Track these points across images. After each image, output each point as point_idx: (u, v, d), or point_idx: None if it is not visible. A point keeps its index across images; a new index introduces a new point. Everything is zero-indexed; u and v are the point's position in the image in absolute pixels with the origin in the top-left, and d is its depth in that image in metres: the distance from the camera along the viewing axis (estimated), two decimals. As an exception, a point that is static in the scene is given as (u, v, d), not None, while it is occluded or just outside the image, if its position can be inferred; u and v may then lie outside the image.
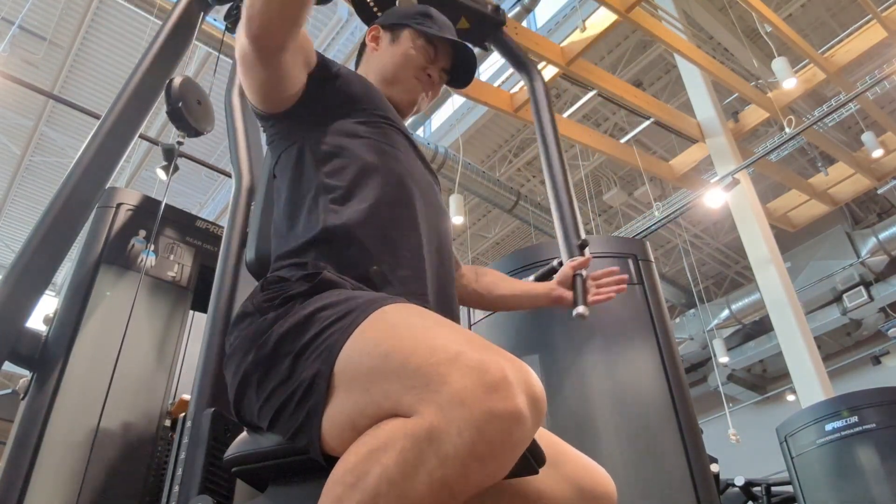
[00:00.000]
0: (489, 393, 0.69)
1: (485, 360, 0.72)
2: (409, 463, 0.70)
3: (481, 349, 0.74)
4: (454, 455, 0.68)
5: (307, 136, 1.10)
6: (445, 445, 0.68)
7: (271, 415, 0.87)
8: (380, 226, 1.03)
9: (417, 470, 0.69)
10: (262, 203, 1.22)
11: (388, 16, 1.35)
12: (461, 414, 0.68)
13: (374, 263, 0.99)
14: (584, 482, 0.98)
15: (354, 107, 1.14)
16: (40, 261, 1.90)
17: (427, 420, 0.70)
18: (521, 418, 0.69)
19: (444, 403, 0.70)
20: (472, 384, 0.69)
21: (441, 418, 0.69)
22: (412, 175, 1.13)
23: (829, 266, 9.44)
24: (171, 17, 2.30)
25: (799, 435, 3.40)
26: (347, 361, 0.81)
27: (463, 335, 0.78)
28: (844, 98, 6.78)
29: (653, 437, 2.13)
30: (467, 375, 0.70)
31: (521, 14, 6.32)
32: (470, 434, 0.68)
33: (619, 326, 2.33)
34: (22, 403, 2.03)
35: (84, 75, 8.15)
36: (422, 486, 0.69)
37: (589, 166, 8.98)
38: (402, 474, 0.70)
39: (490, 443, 0.68)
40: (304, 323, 0.87)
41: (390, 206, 1.05)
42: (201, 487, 1.18)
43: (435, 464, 0.69)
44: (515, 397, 0.69)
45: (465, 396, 0.69)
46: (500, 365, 0.71)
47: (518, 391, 0.70)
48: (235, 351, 0.94)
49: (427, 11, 1.33)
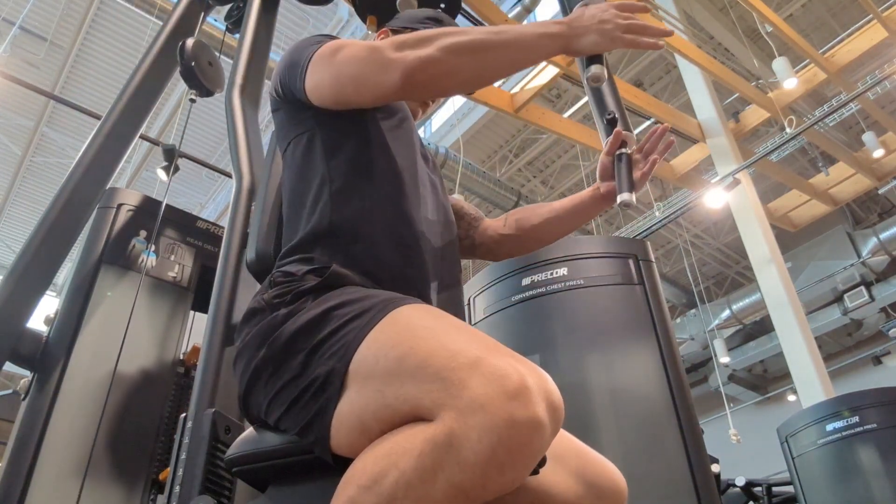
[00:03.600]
0: (510, 400, 0.68)
1: (505, 366, 0.71)
2: (428, 468, 0.69)
3: (501, 355, 0.74)
4: (474, 462, 0.67)
5: (319, 125, 1.09)
6: (465, 451, 0.68)
7: (281, 410, 0.87)
8: (386, 222, 1.03)
9: (436, 475, 0.69)
10: (263, 203, 1.22)
11: (398, 20, 1.34)
12: (482, 420, 0.68)
13: (380, 260, 0.99)
14: (594, 478, 0.98)
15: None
16: (41, 261, 1.90)
17: (447, 425, 0.69)
18: (540, 426, 0.69)
19: (464, 409, 0.69)
20: (493, 391, 0.69)
21: (461, 424, 0.68)
22: (419, 173, 1.13)
23: (829, 266, 9.43)
24: (171, 18, 2.31)
25: (800, 435, 3.40)
26: (363, 361, 0.80)
27: (481, 339, 0.77)
28: (845, 98, 6.78)
29: (654, 437, 2.12)
30: (488, 382, 0.70)
31: (521, 14, 6.32)
32: (490, 441, 0.67)
33: (620, 326, 2.33)
34: (23, 404, 2.04)
35: (85, 76, 8.16)
36: (439, 492, 0.69)
37: (589, 166, 8.98)
38: (420, 479, 0.69)
39: (510, 450, 0.67)
40: (319, 320, 0.87)
41: (397, 203, 1.05)
42: (202, 487, 1.18)
43: (454, 470, 0.68)
44: (536, 405, 0.69)
45: (485, 403, 0.68)
46: (521, 372, 0.71)
47: (538, 399, 0.70)
48: (246, 347, 0.94)
49: (437, 16, 1.32)
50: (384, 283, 0.98)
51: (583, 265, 2.42)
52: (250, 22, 2.16)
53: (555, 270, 2.44)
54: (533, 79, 6.40)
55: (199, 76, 2.32)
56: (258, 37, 2.17)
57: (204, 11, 2.47)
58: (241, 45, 2.11)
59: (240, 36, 2.17)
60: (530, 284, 2.46)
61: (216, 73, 2.44)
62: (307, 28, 7.82)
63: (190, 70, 2.30)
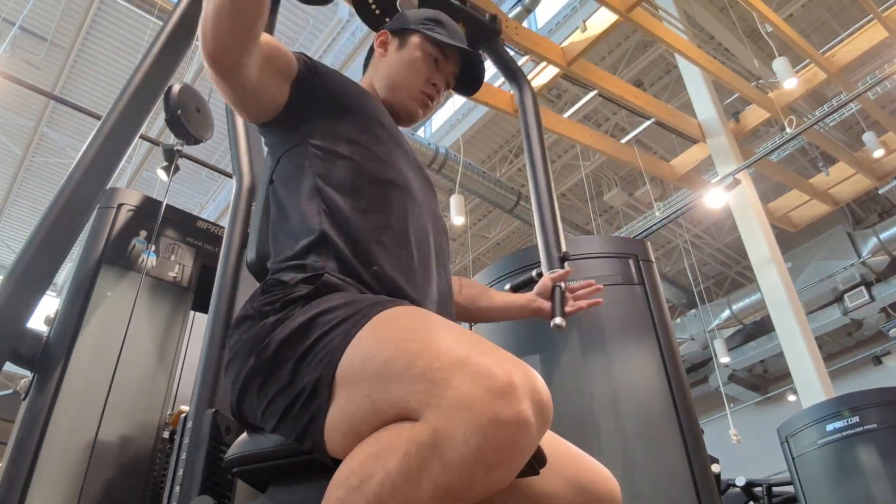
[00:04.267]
0: (495, 398, 0.68)
1: (491, 364, 0.71)
2: (413, 468, 0.68)
3: (487, 353, 0.73)
4: (459, 462, 0.67)
5: (302, 140, 1.10)
6: (450, 451, 0.67)
7: (275, 419, 0.87)
8: (376, 227, 1.03)
9: (421, 475, 0.68)
10: (263, 204, 1.22)
11: (397, 21, 1.33)
12: (466, 419, 0.67)
13: (373, 264, 0.99)
14: (588, 484, 0.97)
15: (348, 111, 1.13)
16: (41, 261, 1.90)
17: (432, 425, 0.69)
18: (526, 425, 0.68)
19: (448, 408, 0.68)
20: (478, 389, 0.68)
21: (446, 423, 0.68)
22: (406, 179, 1.12)
23: (830, 266, 9.43)
24: (171, 18, 2.30)
25: (800, 435, 3.40)
26: (349, 366, 0.80)
27: (467, 338, 0.77)
28: (845, 98, 6.78)
29: (654, 437, 2.12)
30: (473, 380, 0.69)
31: (521, 14, 6.32)
32: (476, 440, 0.66)
33: (620, 327, 2.33)
34: (23, 404, 2.04)
35: (85, 76, 8.16)
36: (425, 492, 0.68)
37: (590, 166, 8.98)
38: (405, 479, 0.69)
39: (496, 450, 0.67)
40: (306, 327, 0.86)
41: (386, 209, 1.05)
42: (202, 488, 1.18)
43: (439, 470, 0.68)
44: (521, 403, 0.68)
45: (470, 402, 0.68)
46: (507, 370, 0.70)
47: (524, 397, 0.69)
48: (237, 355, 0.94)
49: (437, 17, 1.31)
50: (378, 286, 0.98)
51: (583, 265, 2.42)
52: (250, 22, 2.15)
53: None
54: (533, 79, 6.40)
55: (186, 124, 2.22)
56: (258, 37, 2.16)
57: (204, 11, 2.46)
58: (242, 45, 2.10)
59: (240, 36, 2.16)
60: (530, 284, 2.45)
61: (204, 119, 2.34)
62: (307, 28, 7.82)
63: (176, 119, 2.19)
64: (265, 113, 1.09)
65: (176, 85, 2.24)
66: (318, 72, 1.12)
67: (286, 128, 1.11)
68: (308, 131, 1.10)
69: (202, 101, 2.37)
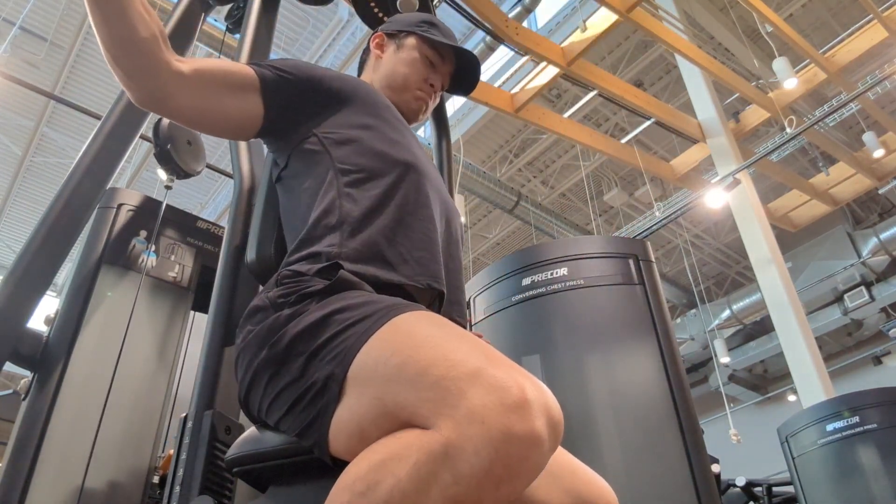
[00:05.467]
0: (509, 413, 0.67)
1: (506, 378, 0.70)
2: (423, 478, 0.68)
3: (502, 366, 0.72)
4: (469, 474, 0.66)
5: (310, 134, 1.10)
6: (461, 463, 0.67)
7: (281, 412, 0.87)
8: (395, 209, 1.03)
9: (430, 486, 0.68)
10: (263, 204, 1.22)
11: (392, 23, 1.35)
12: (479, 432, 0.66)
13: (392, 245, 1.00)
14: (587, 495, 0.97)
15: (351, 100, 1.14)
16: (41, 261, 1.90)
17: (444, 435, 0.68)
18: (539, 441, 0.68)
19: (461, 420, 0.68)
20: (492, 402, 0.68)
21: (458, 435, 0.67)
22: (421, 161, 1.13)
23: (830, 266, 9.43)
24: (171, 18, 2.30)
25: (800, 435, 3.40)
26: (362, 367, 0.80)
27: (482, 349, 0.76)
28: (845, 98, 6.78)
29: (654, 438, 2.12)
30: (487, 393, 0.68)
31: (521, 14, 6.32)
32: (487, 454, 0.66)
33: (620, 327, 2.33)
34: (23, 404, 2.04)
35: (85, 76, 8.16)
36: (433, 503, 0.68)
37: (590, 166, 8.98)
38: (415, 489, 0.68)
39: (507, 465, 0.66)
40: (320, 324, 0.86)
41: (404, 192, 1.06)
42: (202, 488, 1.18)
43: (449, 481, 0.67)
44: (535, 419, 0.68)
45: (484, 414, 0.67)
46: (521, 385, 0.70)
47: (538, 413, 0.68)
48: (248, 346, 0.93)
49: (431, 20, 1.34)
50: (396, 266, 0.98)
51: (583, 265, 2.42)
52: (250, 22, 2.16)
53: (555, 270, 2.44)
54: (533, 79, 6.40)
55: (176, 159, 2.18)
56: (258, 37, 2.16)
57: (204, 11, 2.47)
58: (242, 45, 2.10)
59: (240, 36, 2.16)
60: (530, 284, 2.46)
61: (196, 152, 2.29)
62: (307, 28, 7.82)
63: (165, 153, 2.15)
64: (247, 129, 1.09)
65: (165, 120, 2.20)
66: (287, 69, 1.10)
67: (287, 130, 1.11)
68: (314, 125, 1.11)
69: (193, 134, 2.33)
